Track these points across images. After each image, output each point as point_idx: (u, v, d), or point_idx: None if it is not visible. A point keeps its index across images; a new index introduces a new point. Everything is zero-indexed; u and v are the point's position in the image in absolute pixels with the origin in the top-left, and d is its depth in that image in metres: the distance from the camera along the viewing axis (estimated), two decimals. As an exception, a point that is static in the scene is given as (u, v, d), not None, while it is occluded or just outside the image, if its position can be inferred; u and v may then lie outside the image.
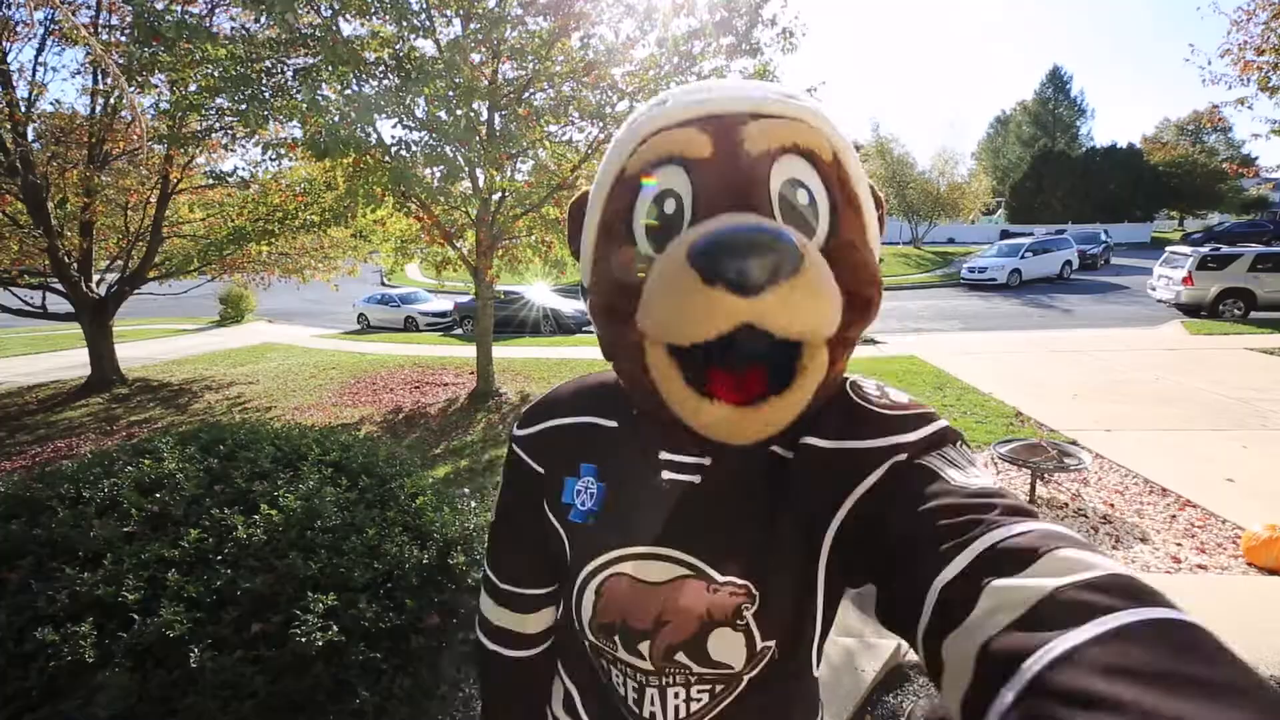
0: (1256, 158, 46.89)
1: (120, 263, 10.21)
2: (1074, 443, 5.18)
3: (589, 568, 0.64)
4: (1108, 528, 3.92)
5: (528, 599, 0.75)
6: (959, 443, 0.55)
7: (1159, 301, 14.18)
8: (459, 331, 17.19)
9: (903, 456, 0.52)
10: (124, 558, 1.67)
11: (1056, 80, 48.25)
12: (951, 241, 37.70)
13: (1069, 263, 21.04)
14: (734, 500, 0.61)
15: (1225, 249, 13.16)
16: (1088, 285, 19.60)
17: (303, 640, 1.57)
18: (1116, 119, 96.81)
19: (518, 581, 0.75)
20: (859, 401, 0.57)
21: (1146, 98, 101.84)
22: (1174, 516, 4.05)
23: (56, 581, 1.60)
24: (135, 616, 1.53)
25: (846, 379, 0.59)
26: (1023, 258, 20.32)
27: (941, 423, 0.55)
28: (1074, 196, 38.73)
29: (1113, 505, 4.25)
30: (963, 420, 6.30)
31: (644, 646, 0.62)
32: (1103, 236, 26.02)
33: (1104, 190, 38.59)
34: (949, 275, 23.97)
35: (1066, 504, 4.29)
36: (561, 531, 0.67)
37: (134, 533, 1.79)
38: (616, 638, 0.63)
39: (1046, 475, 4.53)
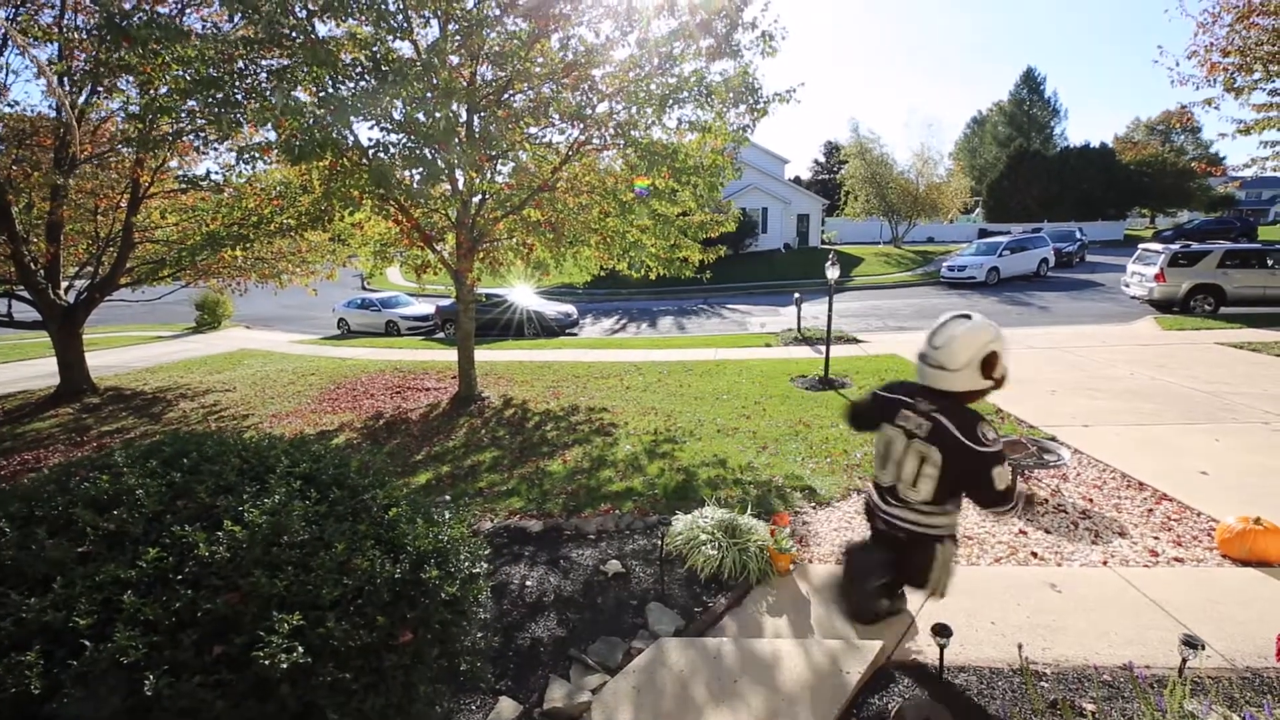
0: (1224, 157, 48.27)
1: (90, 269, 9.93)
2: (1053, 439, 5.25)
3: None
4: (1087, 523, 3.97)
5: None
6: None
7: (1132, 298, 14.47)
8: (441, 335, 17.01)
9: None
10: (76, 580, 1.59)
11: (1030, 81, 49.16)
12: (931, 240, 38.23)
13: (1046, 260, 21.41)
14: None
15: (1195, 246, 13.48)
16: (1064, 282, 19.96)
17: (266, 662, 1.51)
18: (1089, 119, 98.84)
19: None
20: None
21: (1118, 98, 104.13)
22: (1151, 510, 4.11)
23: (0, 608, 1.52)
24: (86, 643, 1.46)
25: None
26: (1001, 256, 20.64)
27: None
28: (1049, 195, 39.44)
29: (1091, 500, 4.30)
30: (944, 418, 6.35)
31: None
32: (1078, 234, 26.51)
33: (1078, 189, 39.32)
34: (929, 274, 24.28)
35: (1046, 500, 4.33)
36: None
37: (88, 553, 1.71)
38: None
39: (1027, 472, 4.57)
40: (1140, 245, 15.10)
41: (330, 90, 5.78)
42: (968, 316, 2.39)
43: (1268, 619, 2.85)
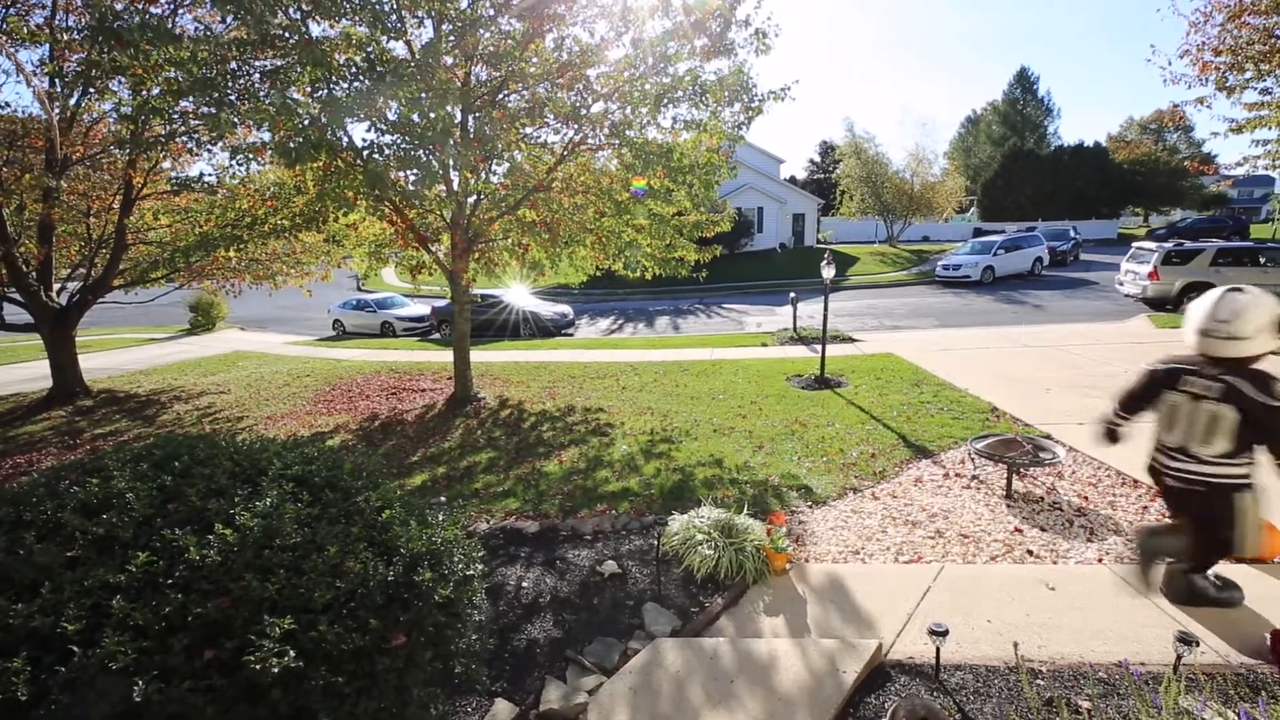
0: (1216, 156, 48.59)
1: (83, 271, 9.87)
2: (1048, 437, 5.26)
3: None
4: (1082, 520, 3.98)
5: None
6: None
7: (1126, 296, 14.53)
8: (436, 336, 16.97)
9: None
10: (64, 585, 1.58)
11: (1024, 81, 49.33)
12: (926, 239, 38.33)
13: (1040, 259, 21.49)
14: None
15: (1188, 244, 13.53)
16: (1058, 281, 20.04)
17: (257, 666, 1.49)
18: (1083, 118, 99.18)
19: None
20: None
21: (1111, 98, 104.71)
22: (1146, 508, 4.12)
23: (-12, 613, 1.50)
24: (75, 648, 1.44)
25: None
26: (995, 255, 20.71)
27: None
28: (1043, 194, 39.60)
29: (1087, 498, 4.31)
30: (940, 416, 6.36)
31: None
32: (1071, 233, 26.60)
33: (1072, 188, 39.49)
34: (924, 273, 24.32)
35: (1042, 498, 4.34)
36: None
37: (77, 557, 1.69)
38: None
39: (1022, 470, 4.58)
40: (1134, 244, 15.17)
41: (325, 91, 5.76)
42: (1241, 289, 2.74)
43: (1262, 616, 2.87)
